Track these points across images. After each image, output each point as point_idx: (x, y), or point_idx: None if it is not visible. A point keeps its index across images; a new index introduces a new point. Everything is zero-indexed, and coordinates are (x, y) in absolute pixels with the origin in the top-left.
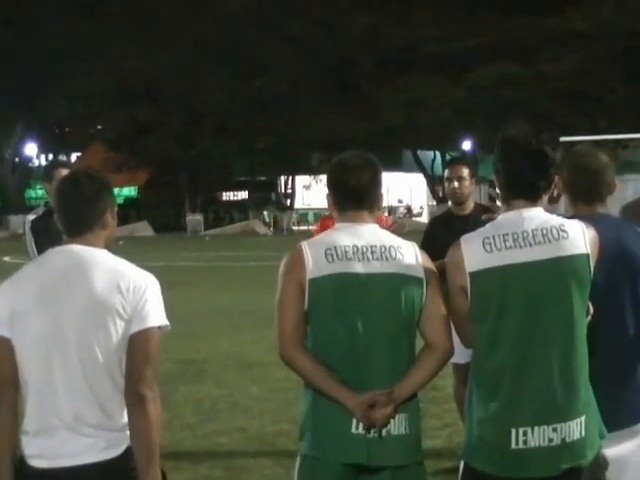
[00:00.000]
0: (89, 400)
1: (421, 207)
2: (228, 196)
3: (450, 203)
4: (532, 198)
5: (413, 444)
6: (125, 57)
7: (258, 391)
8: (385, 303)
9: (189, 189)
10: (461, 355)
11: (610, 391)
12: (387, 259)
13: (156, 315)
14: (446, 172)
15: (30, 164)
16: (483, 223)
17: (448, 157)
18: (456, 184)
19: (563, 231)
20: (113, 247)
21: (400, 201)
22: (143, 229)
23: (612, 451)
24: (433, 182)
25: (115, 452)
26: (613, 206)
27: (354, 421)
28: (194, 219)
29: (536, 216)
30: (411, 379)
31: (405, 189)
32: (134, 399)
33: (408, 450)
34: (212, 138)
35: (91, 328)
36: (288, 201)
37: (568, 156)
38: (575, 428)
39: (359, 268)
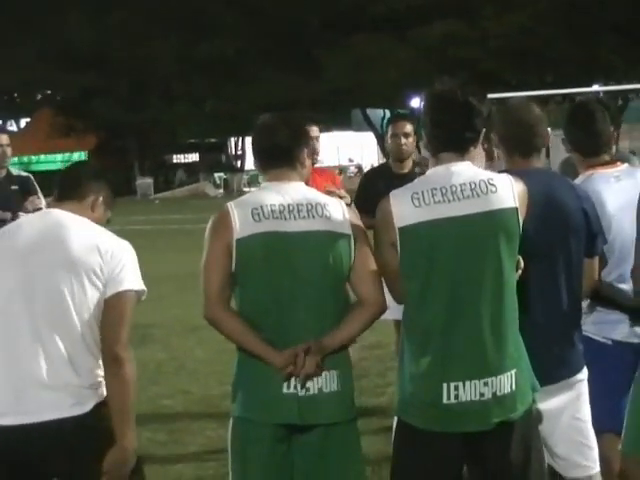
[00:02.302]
0: (58, 358)
1: (372, 165)
2: (179, 159)
3: (391, 160)
4: (460, 151)
5: (345, 401)
6: (72, 22)
7: (204, 354)
8: (313, 261)
9: (138, 153)
10: (400, 312)
11: (545, 344)
12: (314, 216)
13: (132, 280)
14: (390, 128)
15: None
16: None
17: (396, 113)
18: (402, 140)
19: (492, 185)
20: None
21: (351, 160)
22: None
23: (548, 404)
24: (383, 140)
25: (82, 409)
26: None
27: (285, 381)
28: (144, 183)
29: (464, 170)
30: (339, 331)
31: (356, 148)
32: (111, 360)
33: (340, 407)
34: (160, 102)
35: (66, 285)
36: (239, 163)
37: (501, 110)
38: (506, 382)
39: (286, 226)
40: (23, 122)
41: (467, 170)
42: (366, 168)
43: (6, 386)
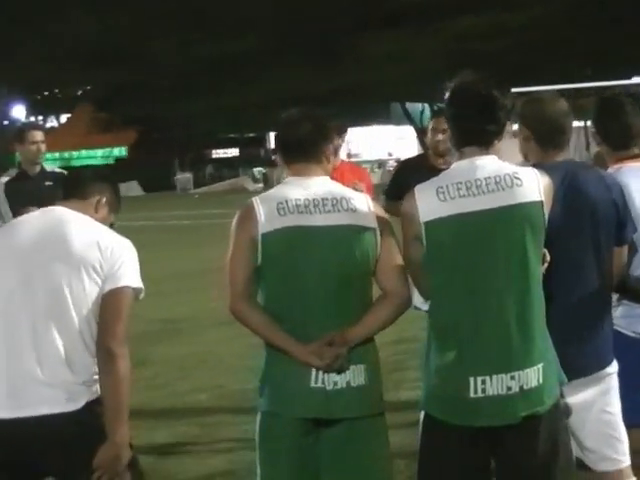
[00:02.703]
0: (54, 353)
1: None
2: (218, 154)
3: (431, 154)
4: (484, 145)
5: (373, 395)
6: (109, 14)
7: (238, 348)
8: (337, 255)
9: (178, 148)
10: None
11: (574, 337)
12: (339, 210)
13: (131, 277)
14: (432, 123)
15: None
16: None
17: (436, 108)
18: (440, 136)
19: (517, 179)
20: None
21: (390, 154)
22: (132, 189)
23: (577, 398)
24: (422, 134)
25: (75, 405)
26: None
27: (313, 375)
28: (183, 177)
29: (489, 164)
30: (363, 324)
31: (395, 142)
32: (104, 355)
33: (368, 401)
34: (199, 96)
35: (65, 279)
36: (276, 157)
37: (527, 104)
38: (533, 376)
39: (311, 220)
40: (64, 118)
41: (492, 164)
42: None
43: (2, 380)
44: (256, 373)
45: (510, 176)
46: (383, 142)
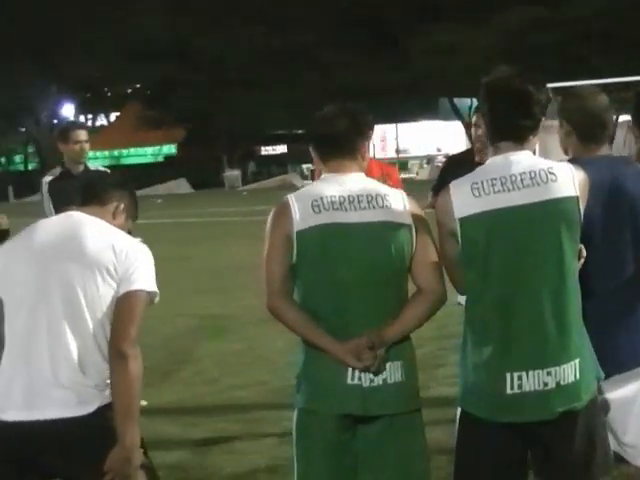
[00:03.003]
0: (68, 356)
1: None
2: (267, 150)
3: (475, 149)
4: (519, 140)
5: (410, 392)
6: (156, 13)
7: (281, 344)
8: (373, 252)
9: (227, 145)
10: None
11: (611, 333)
12: (374, 207)
13: (145, 281)
14: (474, 118)
15: None
16: None
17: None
18: (480, 132)
19: (551, 174)
20: (151, 204)
21: (439, 149)
22: (181, 186)
23: (616, 394)
24: (470, 129)
25: (87, 409)
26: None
27: (349, 372)
28: (232, 174)
29: (523, 159)
30: (399, 322)
31: (443, 137)
32: (116, 356)
33: (404, 398)
34: (246, 93)
35: (79, 281)
36: None
37: (567, 98)
38: (570, 371)
39: (346, 217)
40: (113, 116)
41: (526, 159)
42: None
43: (17, 381)
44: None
45: (545, 171)
46: (432, 137)
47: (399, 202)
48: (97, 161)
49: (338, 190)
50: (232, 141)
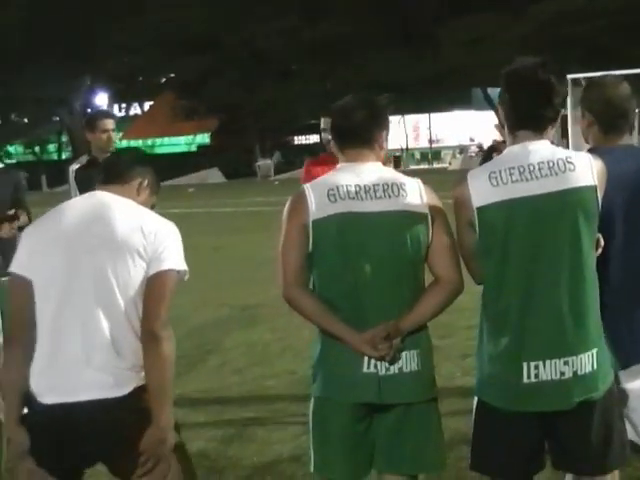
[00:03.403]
0: (101, 337)
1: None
2: (300, 140)
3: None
4: (538, 129)
5: (426, 381)
6: (190, 4)
7: (310, 334)
8: (389, 241)
9: (259, 134)
10: None
11: (628, 324)
12: (390, 197)
13: (175, 259)
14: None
15: None
16: None
17: None
18: None
19: (570, 163)
20: (183, 193)
21: (472, 140)
22: (214, 176)
23: (635, 384)
24: None
25: (123, 391)
26: None
27: (365, 360)
28: (264, 164)
29: (542, 149)
30: (416, 311)
31: (476, 127)
32: (149, 337)
33: (420, 387)
34: (279, 83)
35: (110, 264)
36: None
37: (590, 87)
38: (587, 361)
39: (362, 207)
40: (147, 105)
41: (544, 148)
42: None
43: (52, 365)
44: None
45: (563, 161)
46: (464, 127)
47: (415, 191)
48: None
49: (354, 179)
50: (264, 131)
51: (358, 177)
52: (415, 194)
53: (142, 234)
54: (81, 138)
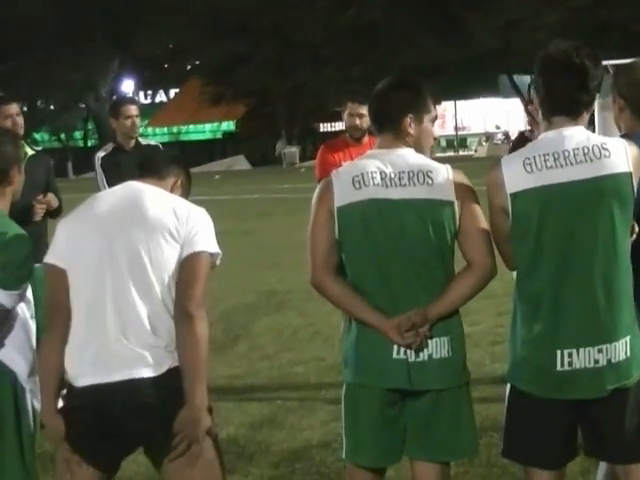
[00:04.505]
0: (137, 318)
1: (518, 131)
2: (326, 127)
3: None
4: (572, 114)
5: (456, 367)
6: None
7: (339, 320)
8: (413, 229)
9: (286, 121)
10: None
11: None
12: (414, 184)
13: (207, 242)
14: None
15: None
16: None
17: None
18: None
19: (604, 149)
20: (209, 180)
21: (498, 127)
22: (240, 163)
23: None
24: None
25: (158, 370)
26: None
27: (395, 347)
28: (290, 151)
29: (576, 135)
30: (445, 297)
31: (502, 115)
32: (183, 317)
33: (450, 373)
34: (307, 69)
35: (143, 245)
36: None
37: (624, 71)
38: (620, 349)
39: (386, 194)
40: (172, 92)
41: (579, 134)
42: (513, 135)
43: (88, 346)
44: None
45: (598, 147)
46: (491, 115)
47: (443, 178)
48: (156, 137)
49: (380, 166)
50: (291, 117)
51: (384, 164)
52: (442, 181)
53: (175, 216)
54: (107, 125)
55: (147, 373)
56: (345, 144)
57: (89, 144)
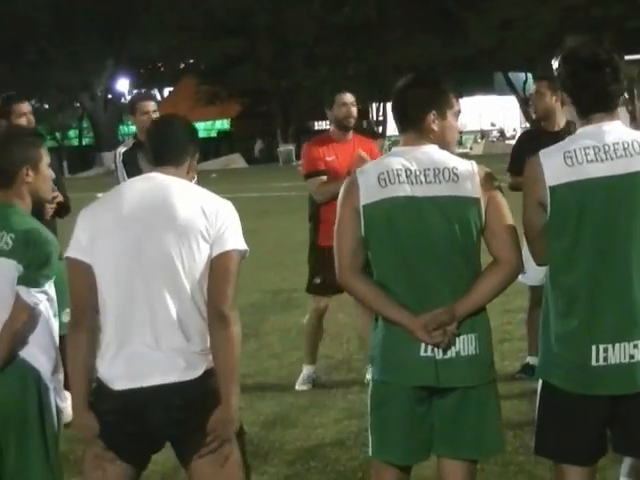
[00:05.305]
0: (169, 321)
1: (514, 130)
2: (321, 125)
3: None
4: (610, 110)
5: (484, 364)
6: None
7: (346, 318)
8: (438, 227)
9: (281, 120)
10: (536, 277)
11: None
12: (440, 181)
13: (236, 239)
14: (533, 87)
15: (122, 100)
16: None
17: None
18: (548, 99)
19: None
20: (205, 179)
21: (493, 124)
22: (236, 161)
23: None
24: (525, 104)
25: (194, 374)
26: None
27: (422, 344)
28: (286, 149)
29: (616, 129)
30: (473, 294)
31: (498, 112)
32: (216, 318)
33: (478, 370)
34: (302, 68)
35: (175, 248)
36: (380, 128)
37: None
38: None
39: (411, 191)
40: (167, 91)
41: (618, 129)
42: (508, 133)
43: (121, 351)
44: (362, 343)
45: (638, 142)
46: (486, 112)
47: (467, 175)
48: None
49: (405, 164)
50: (286, 116)
51: (409, 161)
52: (467, 178)
53: (204, 216)
54: (102, 124)
55: (183, 377)
56: (330, 140)
57: (84, 143)
